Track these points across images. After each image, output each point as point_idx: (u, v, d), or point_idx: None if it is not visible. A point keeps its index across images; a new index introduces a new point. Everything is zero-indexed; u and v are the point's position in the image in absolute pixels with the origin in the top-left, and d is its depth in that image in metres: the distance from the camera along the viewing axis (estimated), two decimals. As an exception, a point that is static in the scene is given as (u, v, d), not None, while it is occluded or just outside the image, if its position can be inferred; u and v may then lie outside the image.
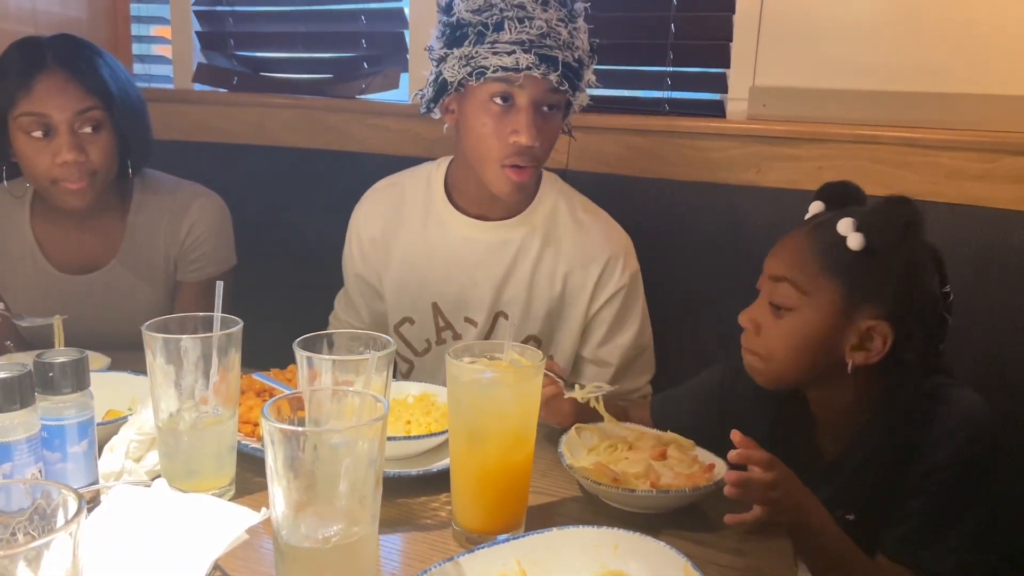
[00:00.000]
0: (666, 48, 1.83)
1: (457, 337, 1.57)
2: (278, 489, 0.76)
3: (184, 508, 0.87)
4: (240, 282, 1.74)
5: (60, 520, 0.62)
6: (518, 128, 1.36)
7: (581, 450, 1.14)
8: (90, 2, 2.29)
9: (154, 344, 0.97)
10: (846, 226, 1.10)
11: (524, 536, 0.90)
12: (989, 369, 1.46)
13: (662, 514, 1.03)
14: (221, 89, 2.28)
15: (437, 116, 1.47)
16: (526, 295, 1.51)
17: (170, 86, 2.34)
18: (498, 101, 1.36)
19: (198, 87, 2.29)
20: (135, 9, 2.37)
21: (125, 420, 1.09)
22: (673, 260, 1.70)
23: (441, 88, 1.41)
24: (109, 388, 1.22)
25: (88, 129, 1.51)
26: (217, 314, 1.01)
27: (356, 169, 1.92)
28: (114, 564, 0.79)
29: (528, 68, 1.32)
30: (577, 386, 1.18)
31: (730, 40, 1.76)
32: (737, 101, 1.76)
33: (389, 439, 1.06)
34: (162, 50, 2.39)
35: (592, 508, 1.06)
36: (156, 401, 0.99)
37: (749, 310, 1.19)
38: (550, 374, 1.21)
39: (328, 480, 0.76)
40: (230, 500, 0.99)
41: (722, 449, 1.06)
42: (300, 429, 0.78)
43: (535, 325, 1.53)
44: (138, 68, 2.42)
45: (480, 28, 1.34)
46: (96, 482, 0.96)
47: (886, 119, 1.62)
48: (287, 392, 0.86)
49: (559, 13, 1.36)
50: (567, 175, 1.80)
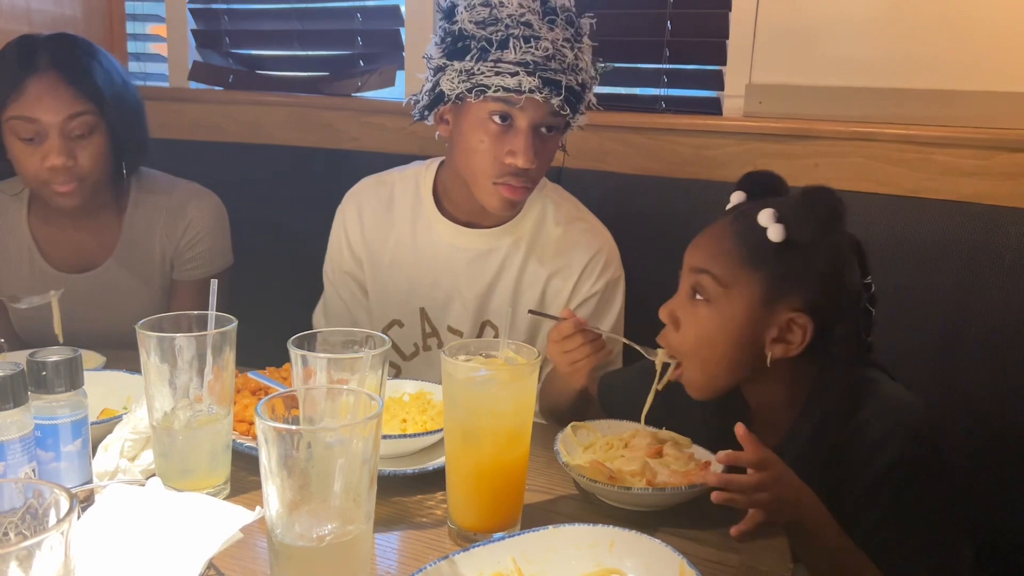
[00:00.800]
0: (662, 45, 1.83)
1: (442, 346, 1.55)
2: (272, 488, 0.75)
3: (178, 507, 0.87)
4: (235, 280, 1.74)
5: (52, 520, 0.62)
6: (515, 150, 1.33)
7: (577, 448, 1.14)
8: (85, 0, 2.28)
9: (148, 343, 0.96)
10: (766, 217, 1.08)
11: (520, 534, 0.90)
12: (985, 365, 1.46)
13: (658, 512, 1.03)
14: (217, 87, 2.28)
15: (430, 123, 1.44)
16: (511, 304, 1.50)
17: (165, 84, 2.34)
18: (497, 120, 1.33)
19: (194, 85, 2.29)
20: (130, 7, 2.37)
21: (119, 419, 1.09)
22: (669, 258, 1.70)
23: (437, 98, 1.37)
24: (104, 387, 1.22)
25: (79, 133, 1.50)
26: (212, 312, 1.01)
27: (352, 167, 1.91)
28: (108, 563, 0.79)
29: (531, 91, 1.28)
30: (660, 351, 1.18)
31: (726, 37, 1.76)
32: (733, 98, 1.76)
33: (384, 437, 1.06)
34: (158, 48, 2.38)
35: (588, 506, 1.06)
36: (150, 400, 0.99)
37: (668, 303, 1.17)
38: (596, 329, 1.24)
39: (323, 479, 0.76)
40: (225, 499, 0.99)
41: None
42: (294, 428, 0.77)
43: (519, 335, 1.52)
44: (134, 66, 2.42)
45: (484, 44, 1.29)
46: (90, 481, 0.96)
47: (882, 116, 1.62)
48: (281, 390, 0.86)
49: (566, 33, 1.32)
50: (563, 172, 1.80)
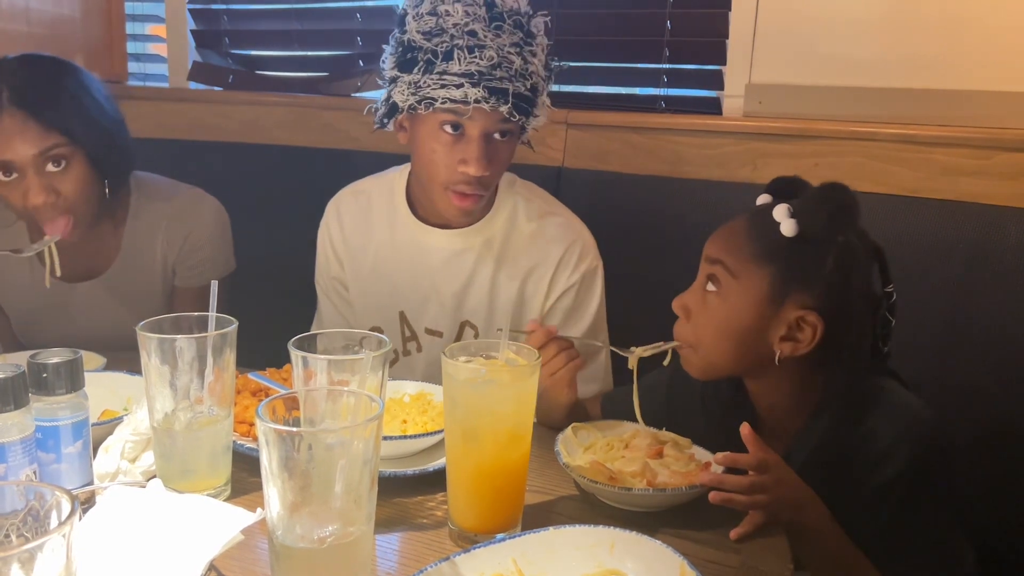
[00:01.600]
0: (662, 45, 1.83)
1: (420, 350, 1.55)
2: (273, 489, 0.76)
3: (179, 508, 0.87)
4: (234, 280, 1.74)
5: (53, 522, 0.62)
6: (467, 159, 1.33)
7: (577, 449, 1.14)
8: (84, 0, 2.28)
9: (149, 344, 0.96)
10: (781, 212, 1.10)
11: (520, 535, 0.90)
12: (985, 365, 1.46)
13: (658, 513, 1.03)
14: (216, 87, 2.27)
15: (391, 130, 1.45)
16: (488, 303, 1.50)
17: (165, 84, 2.34)
18: (448, 129, 1.33)
19: (193, 85, 2.29)
20: (130, 7, 2.37)
21: (120, 420, 1.09)
22: (668, 257, 1.70)
23: (392, 108, 1.39)
24: (104, 388, 1.22)
25: (55, 167, 1.43)
26: (212, 314, 1.01)
27: (351, 167, 1.91)
28: (109, 565, 0.79)
29: (477, 102, 1.29)
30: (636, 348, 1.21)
31: (726, 37, 1.76)
32: (733, 98, 1.76)
33: (385, 438, 1.06)
34: (157, 48, 2.38)
35: (589, 507, 1.06)
36: (151, 401, 0.99)
37: (682, 295, 1.19)
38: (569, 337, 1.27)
39: (323, 480, 0.76)
40: (225, 500, 0.99)
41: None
42: (295, 429, 0.78)
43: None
44: (133, 66, 2.42)
45: (429, 56, 1.30)
46: (91, 483, 0.96)
47: (881, 116, 1.62)
48: (282, 392, 0.86)
49: (513, 38, 1.31)
50: (563, 172, 1.80)
